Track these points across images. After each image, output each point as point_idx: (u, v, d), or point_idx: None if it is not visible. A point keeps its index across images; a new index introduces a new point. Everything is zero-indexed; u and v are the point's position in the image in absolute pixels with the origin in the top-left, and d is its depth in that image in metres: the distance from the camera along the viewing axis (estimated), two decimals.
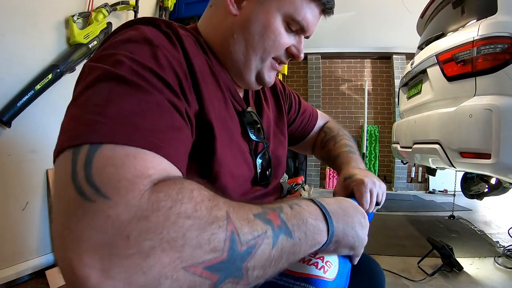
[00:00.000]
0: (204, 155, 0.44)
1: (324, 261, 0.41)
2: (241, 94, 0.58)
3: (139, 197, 0.26)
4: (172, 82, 0.37)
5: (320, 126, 0.83)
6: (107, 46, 0.38)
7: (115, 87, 0.32)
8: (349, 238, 0.42)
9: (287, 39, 0.51)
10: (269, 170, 0.58)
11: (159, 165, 0.30)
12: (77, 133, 0.29)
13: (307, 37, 0.55)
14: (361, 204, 0.53)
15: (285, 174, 3.70)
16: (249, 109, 0.56)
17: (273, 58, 0.53)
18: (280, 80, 0.75)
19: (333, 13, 0.54)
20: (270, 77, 0.55)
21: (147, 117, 0.31)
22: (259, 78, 0.54)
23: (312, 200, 0.40)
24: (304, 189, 3.48)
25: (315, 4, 0.51)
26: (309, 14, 0.50)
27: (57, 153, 0.30)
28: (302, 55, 0.55)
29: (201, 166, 0.44)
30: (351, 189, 0.56)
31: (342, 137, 0.76)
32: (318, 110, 0.85)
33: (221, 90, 0.50)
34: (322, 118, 0.84)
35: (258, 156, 0.56)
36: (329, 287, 0.40)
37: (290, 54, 0.54)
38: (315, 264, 0.40)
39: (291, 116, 0.76)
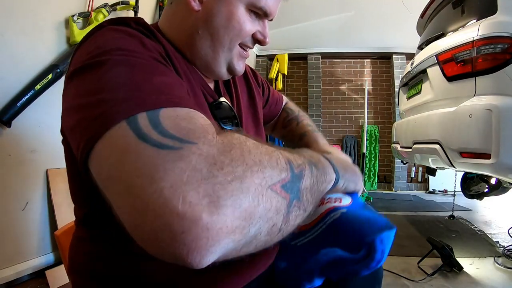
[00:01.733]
0: None
1: (334, 197, 0.46)
2: (212, 85, 0.59)
3: (215, 139, 0.30)
4: (173, 69, 0.41)
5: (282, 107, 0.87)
6: (94, 48, 0.37)
7: (133, 70, 0.34)
8: (352, 173, 0.48)
9: (251, 26, 0.52)
10: None
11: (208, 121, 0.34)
12: (122, 108, 0.30)
13: (270, 20, 0.56)
14: None
15: None
16: (221, 99, 0.57)
17: (240, 45, 0.53)
18: (250, 67, 0.76)
19: None
20: (240, 66, 0.56)
21: (175, 90, 0.35)
22: (230, 69, 0.55)
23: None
24: None
25: None
26: None
27: (96, 138, 0.29)
28: (268, 39, 0.55)
29: None
30: None
31: (303, 118, 0.81)
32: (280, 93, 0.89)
33: (191, 82, 0.52)
34: (284, 99, 0.88)
35: None
36: (348, 211, 0.44)
37: (256, 40, 0.54)
38: (329, 200, 0.46)
39: (264, 101, 0.78)
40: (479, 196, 2.23)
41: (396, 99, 2.71)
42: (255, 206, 0.28)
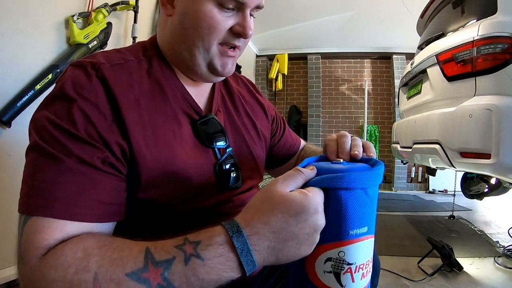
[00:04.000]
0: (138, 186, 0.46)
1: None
2: (203, 99, 0.57)
3: (33, 262, 0.35)
4: (86, 136, 0.41)
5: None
6: (45, 101, 0.44)
7: (40, 159, 0.39)
8: (290, 254, 0.36)
9: (224, 21, 0.48)
10: (236, 173, 0.56)
11: (59, 231, 0.37)
12: (21, 201, 0.40)
13: (258, 8, 0.51)
14: (329, 157, 0.50)
15: None
16: (209, 115, 0.54)
17: (221, 44, 0.50)
18: (271, 105, 0.76)
19: None
20: (225, 67, 0.52)
21: (62, 186, 0.38)
22: (212, 69, 0.52)
23: (232, 243, 0.34)
24: None
25: None
26: None
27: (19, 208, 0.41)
28: (249, 31, 0.49)
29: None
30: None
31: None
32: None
33: (170, 104, 0.50)
34: (302, 143, 0.85)
35: (219, 162, 0.54)
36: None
37: (237, 34, 0.49)
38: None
39: (276, 137, 0.76)
40: (479, 196, 2.23)
41: (396, 99, 2.71)
42: None
